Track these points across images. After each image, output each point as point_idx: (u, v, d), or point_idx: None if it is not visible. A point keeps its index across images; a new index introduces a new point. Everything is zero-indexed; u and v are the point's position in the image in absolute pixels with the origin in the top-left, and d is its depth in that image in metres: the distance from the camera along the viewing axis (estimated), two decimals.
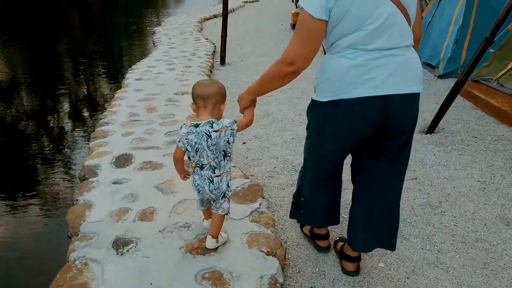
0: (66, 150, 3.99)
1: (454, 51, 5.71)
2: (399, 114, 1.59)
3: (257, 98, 1.86)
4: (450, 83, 5.42)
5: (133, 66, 6.13)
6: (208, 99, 1.74)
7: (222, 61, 6.65)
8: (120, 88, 5.08)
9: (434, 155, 3.34)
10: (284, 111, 4.42)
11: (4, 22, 12.96)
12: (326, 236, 2.17)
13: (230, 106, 4.45)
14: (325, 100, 1.61)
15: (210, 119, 1.76)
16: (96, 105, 5.34)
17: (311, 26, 1.49)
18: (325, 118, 1.66)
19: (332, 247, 2.20)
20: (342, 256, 2.06)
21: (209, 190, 1.87)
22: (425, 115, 4.24)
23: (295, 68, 1.55)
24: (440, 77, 5.72)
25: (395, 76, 1.53)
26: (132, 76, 5.50)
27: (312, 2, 1.46)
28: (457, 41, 5.69)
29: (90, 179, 2.75)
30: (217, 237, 2.04)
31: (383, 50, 1.51)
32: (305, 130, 1.90)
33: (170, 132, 3.58)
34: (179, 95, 4.64)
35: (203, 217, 2.23)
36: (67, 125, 4.69)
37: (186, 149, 1.81)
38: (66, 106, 5.34)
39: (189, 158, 1.86)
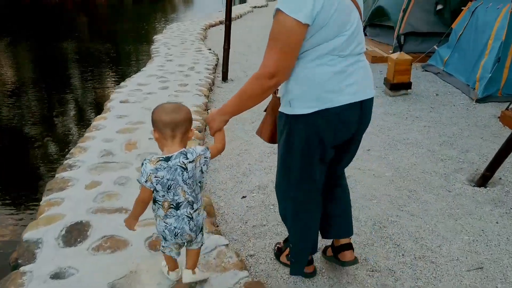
0: (8, 209, 3.17)
1: (495, 71, 4.85)
2: (366, 117, 1.66)
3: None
4: (491, 109, 4.57)
5: (122, 84, 5.35)
6: (178, 127, 1.53)
7: (224, 77, 5.85)
8: (100, 114, 4.29)
9: (497, 223, 2.49)
10: None
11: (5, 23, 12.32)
12: (312, 261, 2.01)
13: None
14: (309, 111, 1.52)
15: (182, 150, 1.56)
16: (66, 137, 4.54)
17: (295, 33, 1.40)
18: (310, 131, 1.57)
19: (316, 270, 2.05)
20: (337, 250, 1.98)
21: (190, 229, 1.65)
22: (471, 156, 3.39)
23: (276, 81, 1.47)
24: (478, 101, 4.85)
25: (364, 81, 1.57)
26: (117, 97, 4.71)
27: (298, 6, 1.36)
28: (499, 59, 4.84)
29: (22, 268, 1.94)
30: (194, 269, 1.81)
31: (353, 56, 1.52)
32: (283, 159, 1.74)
33: None
34: None
35: (166, 269, 1.88)
36: (23, 165, 3.87)
37: (155, 188, 1.55)
38: (28, 137, 4.53)
39: (154, 201, 1.61)
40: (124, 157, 3.17)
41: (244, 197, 2.81)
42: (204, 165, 1.62)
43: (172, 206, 1.59)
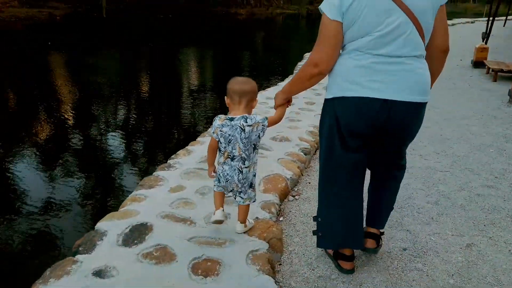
0: (102, 195, 3.45)
1: None
2: (400, 120, 1.68)
3: None
4: None
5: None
6: (244, 95, 1.91)
7: None
8: None
9: None
10: (413, 190, 2.98)
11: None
12: (351, 258, 2.04)
13: None
14: (330, 97, 1.74)
15: (244, 114, 1.91)
16: (186, 136, 4.82)
17: (329, 27, 1.62)
18: (331, 115, 1.75)
19: (351, 267, 2.05)
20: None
21: (238, 180, 2.01)
22: None
23: (319, 70, 1.68)
24: None
25: (399, 82, 1.61)
26: None
27: (328, 4, 1.61)
28: None
29: (77, 257, 2.02)
30: (245, 222, 2.19)
31: (391, 57, 1.59)
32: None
33: (228, 196, 2.64)
34: (275, 141, 3.66)
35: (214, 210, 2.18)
36: (132, 157, 4.23)
37: (219, 140, 1.95)
38: (152, 128, 4.98)
39: (219, 150, 2.01)
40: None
41: None
42: (261, 131, 1.97)
43: (229, 156, 1.98)
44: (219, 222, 2.12)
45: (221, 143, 1.96)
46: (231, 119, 1.91)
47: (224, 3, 35.35)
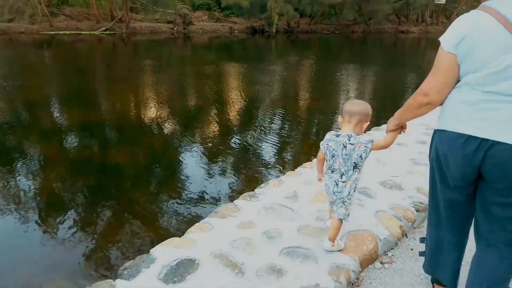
0: (183, 213, 3.39)
1: None
2: (503, 165, 1.50)
3: None
4: None
5: (382, 126, 4.81)
6: (354, 115, 2.02)
7: None
8: None
9: None
10: None
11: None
12: None
13: None
14: (436, 128, 1.72)
15: (350, 133, 2.02)
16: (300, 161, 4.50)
17: (442, 59, 1.60)
18: (434, 147, 1.73)
19: None
20: None
21: (333, 191, 2.13)
22: None
23: (428, 99, 1.64)
24: None
25: (506, 122, 1.48)
26: None
27: (445, 36, 1.59)
28: None
29: (117, 281, 1.97)
30: (334, 241, 2.22)
31: (504, 95, 1.49)
32: None
33: (289, 247, 2.27)
34: (383, 187, 3.07)
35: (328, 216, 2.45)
36: (235, 176, 4.11)
37: (325, 152, 2.10)
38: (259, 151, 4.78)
39: (326, 161, 2.14)
40: (301, 206, 2.76)
41: None
42: (364, 152, 2.00)
43: (330, 168, 2.12)
44: None
45: (326, 155, 2.11)
46: (338, 135, 2.04)
47: (395, 20, 33.59)
